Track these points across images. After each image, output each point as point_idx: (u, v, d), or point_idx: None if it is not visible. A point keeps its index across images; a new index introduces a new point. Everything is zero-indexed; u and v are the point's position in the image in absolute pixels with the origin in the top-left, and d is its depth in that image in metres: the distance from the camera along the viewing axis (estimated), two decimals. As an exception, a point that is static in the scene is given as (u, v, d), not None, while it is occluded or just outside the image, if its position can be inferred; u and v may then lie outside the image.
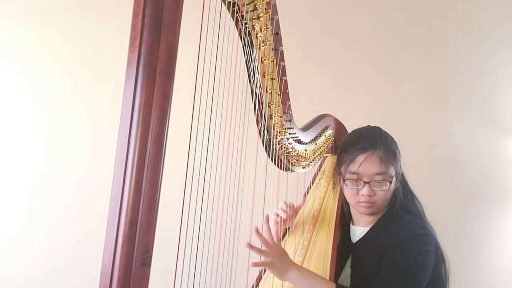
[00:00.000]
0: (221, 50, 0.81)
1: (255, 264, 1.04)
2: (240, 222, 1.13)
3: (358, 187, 1.13)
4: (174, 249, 0.70)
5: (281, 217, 1.35)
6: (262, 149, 1.21)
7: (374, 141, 1.14)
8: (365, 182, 1.12)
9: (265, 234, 1.06)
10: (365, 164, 1.12)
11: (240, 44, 1.00)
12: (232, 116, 0.95)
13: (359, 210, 1.18)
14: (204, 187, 0.82)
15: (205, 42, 0.74)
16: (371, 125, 1.24)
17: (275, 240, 1.07)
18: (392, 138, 1.20)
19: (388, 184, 1.12)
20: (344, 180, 1.16)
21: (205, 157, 0.80)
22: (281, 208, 1.35)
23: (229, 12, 0.91)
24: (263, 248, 1.04)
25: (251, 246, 0.99)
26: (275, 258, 1.03)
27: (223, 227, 1.03)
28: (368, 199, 1.12)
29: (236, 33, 0.96)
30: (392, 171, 1.13)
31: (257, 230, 1.03)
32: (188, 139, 0.71)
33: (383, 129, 1.22)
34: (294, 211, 1.39)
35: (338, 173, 1.21)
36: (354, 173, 1.13)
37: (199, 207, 0.82)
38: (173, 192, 0.89)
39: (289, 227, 1.38)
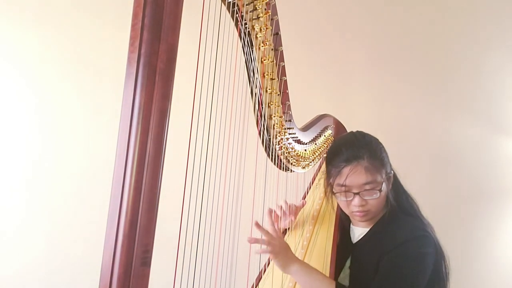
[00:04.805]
0: (221, 50, 0.82)
1: (261, 251, 1.03)
2: (240, 222, 1.14)
3: (348, 199, 1.12)
4: (174, 249, 0.70)
5: (280, 212, 1.34)
6: (261, 149, 1.21)
7: (357, 150, 1.11)
8: (354, 194, 1.10)
9: (268, 227, 1.06)
10: (351, 176, 1.09)
11: (240, 45, 1.00)
12: (232, 116, 0.95)
13: (355, 219, 1.18)
14: (204, 187, 0.82)
15: (205, 42, 0.75)
16: (354, 131, 1.22)
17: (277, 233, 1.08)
18: (377, 142, 1.17)
19: (378, 192, 1.10)
20: (334, 193, 1.15)
21: (205, 157, 0.80)
22: (281, 206, 1.35)
23: (229, 12, 0.91)
24: (266, 240, 1.03)
25: (254, 240, 0.99)
26: (279, 249, 1.04)
27: (223, 227, 1.03)
28: (361, 208, 1.11)
29: (236, 34, 0.96)
30: (380, 178, 1.10)
31: (257, 224, 1.02)
32: (188, 139, 0.72)
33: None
34: (293, 212, 1.39)
35: (328, 185, 1.18)
36: (342, 185, 1.11)
37: (199, 207, 0.82)
38: (173, 192, 0.90)
39: (288, 228, 1.38)
